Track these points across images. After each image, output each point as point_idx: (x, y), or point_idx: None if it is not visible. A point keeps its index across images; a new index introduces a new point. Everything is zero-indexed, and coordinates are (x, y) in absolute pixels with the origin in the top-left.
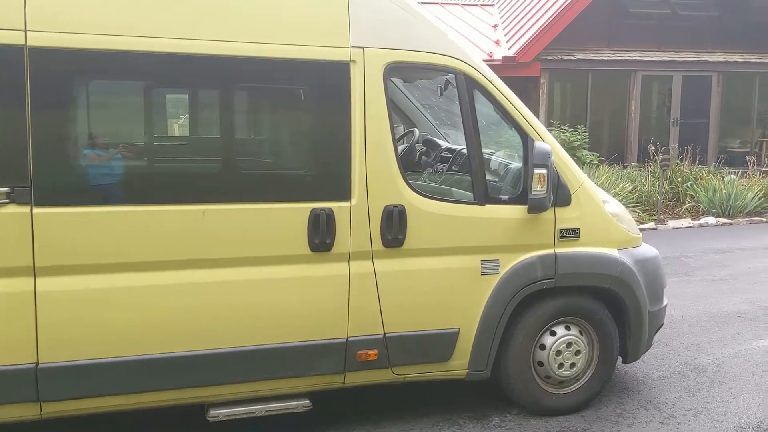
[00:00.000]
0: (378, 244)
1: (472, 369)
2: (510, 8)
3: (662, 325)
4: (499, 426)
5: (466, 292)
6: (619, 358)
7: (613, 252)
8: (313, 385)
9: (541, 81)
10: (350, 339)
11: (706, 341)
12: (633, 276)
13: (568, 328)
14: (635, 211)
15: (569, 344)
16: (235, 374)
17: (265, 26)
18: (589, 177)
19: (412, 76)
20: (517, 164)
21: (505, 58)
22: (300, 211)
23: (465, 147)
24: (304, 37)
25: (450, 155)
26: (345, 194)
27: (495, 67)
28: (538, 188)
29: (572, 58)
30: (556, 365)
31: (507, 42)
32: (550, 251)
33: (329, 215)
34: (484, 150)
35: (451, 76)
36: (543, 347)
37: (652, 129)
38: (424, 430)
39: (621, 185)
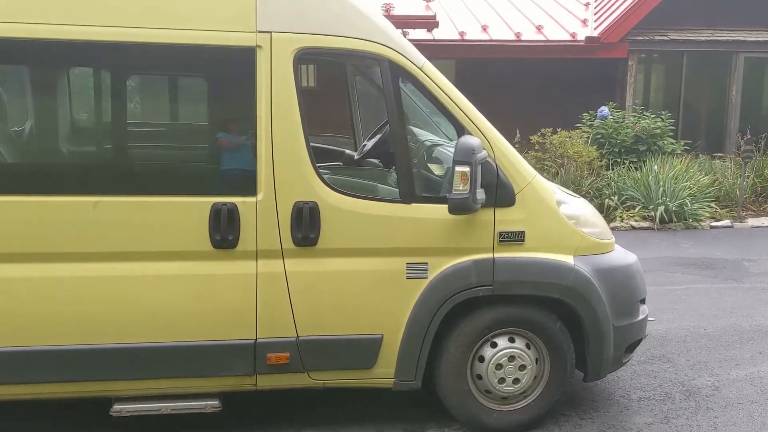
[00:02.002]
0: (288, 243)
1: (399, 378)
2: None
3: (640, 340)
4: None
5: (390, 297)
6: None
7: (566, 259)
8: (223, 385)
9: (629, 63)
10: (259, 341)
11: (717, 359)
12: (590, 286)
13: (512, 341)
14: (711, 207)
15: (512, 358)
16: (140, 370)
17: (165, 11)
18: (660, 167)
19: (331, 63)
20: (449, 159)
21: (589, 39)
22: (200, 205)
23: (390, 140)
24: (206, 22)
25: (379, 149)
26: (250, 189)
27: (576, 48)
28: (460, 187)
29: (665, 38)
30: (497, 380)
31: (595, 21)
32: (488, 256)
33: (231, 210)
34: (424, 142)
35: (373, 62)
36: (482, 359)
37: (755, 116)
38: None
39: (695, 178)
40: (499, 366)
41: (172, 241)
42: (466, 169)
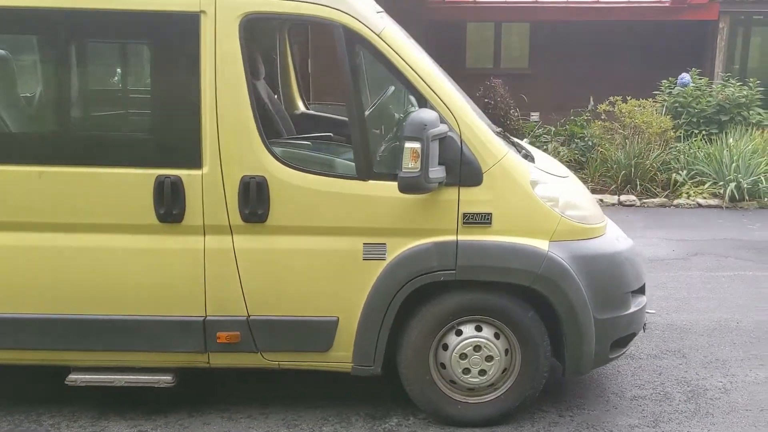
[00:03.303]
0: (236, 219)
1: (357, 363)
2: None
3: (633, 334)
4: (391, 429)
5: (345, 278)
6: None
7: (540, 244)
8: (176, 361)
9: (720, 26)
10: (209, 318)
11: (739, 358)
12: (565, 274)
13: (479, 329)
14: None
15: (477, 347)
16: (92, 342)
17: None
18: (738, 140)
19: (283, 29)
20: None
21: (675, 0)
22: (144, 177)
23: (346, 112)
24: None
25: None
26: (195, 161)
27: (661, 10)
28: (410, 165)
29: None
30: (461, 370)
31: None
32: (451, 238)
33: (175, 183)
34: (387, 115)
35: (327, 28)
36: (446, 347)
37: None
38: (309, 423)
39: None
40: (463, 355)
41: (117, 213)
42: (416, 145)
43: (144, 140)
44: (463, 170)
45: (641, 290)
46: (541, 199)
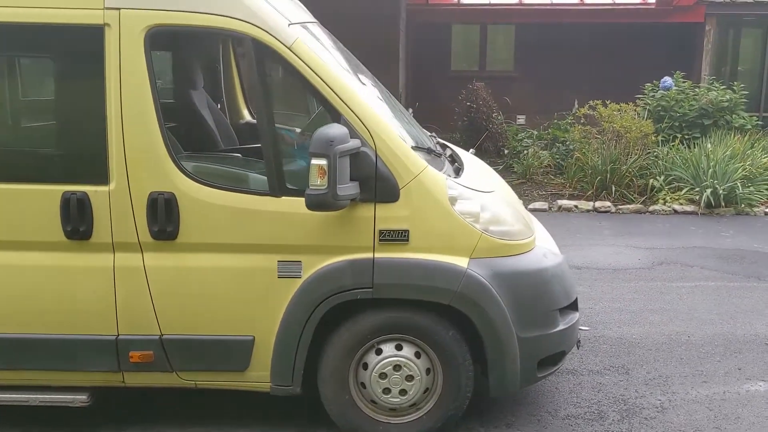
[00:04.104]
0: (146, 236)
1: (275, 383)
2: None
3: (562, 353)
4: None
5: (260, 297)
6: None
7: (458, 261)
8: (92, 380)
9: (707, 28)
10: (121, 337)
11: (683, 374)
12: (485, 292)
13: (399, 348)
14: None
15: (397, 367)
16: (5, 360)
17: None
18: (716, 144)
19: (191, 42)
20: None
21: (660, 2)
22: (51, 193)
23: (257, 127)
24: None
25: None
26: (101, 177)
27: (646, 12)
28: (317, 182)
29: (748, 0)
30: (381, 389)
31: None
32: (368, 256)
33: (81, 200)
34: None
35: (236, 41)
36: (366, 367)
37: None
38: None
39: (753, 158)
40: (383, 375)
41: (25, 230)
42: (322, 162)
43: (51, 156)
44: (379, 186)
45: (572, 306)
46: (461, 215)
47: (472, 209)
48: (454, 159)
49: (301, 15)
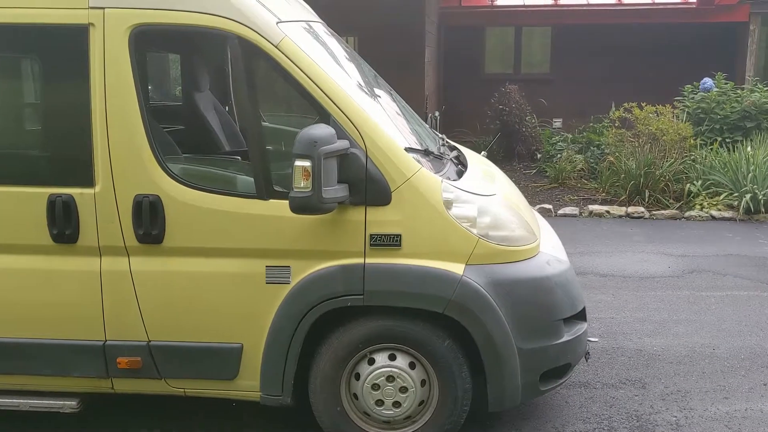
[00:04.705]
0: (132, 240)
1: (265, 392)
2: None
3: (568, 365)
4: None
5: (248, 303)
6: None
7: (454, 268)
8: (81, 386)
9: (751, 28)
10: (108, 343)
11: (704, 389)
12: (482, 300)
13: (392, 358)
14: None
15: (390, 378)
16: None
17: None
18: (758, 147)
19: (177, 41)
20: None
21: (702, 1)
22: (36, 196)
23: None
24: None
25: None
26: (87, 180)
27: (687, 12)
28: (301, 184)
29: None
30: (373, 401)
31: None
32: (358, 261)
33: (67, 203)
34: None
35: (222, 40)
36: (359, 377)
37: None
38: None
39: None
40: (376, 386)
41: (12, 233)
42: (306, 163)
43: (36, 158)
44: (370, 189)
45: (579, 316)
46: (457, 219)
47: (469, 213)
48: (459, 161)
49: (299, 14)
